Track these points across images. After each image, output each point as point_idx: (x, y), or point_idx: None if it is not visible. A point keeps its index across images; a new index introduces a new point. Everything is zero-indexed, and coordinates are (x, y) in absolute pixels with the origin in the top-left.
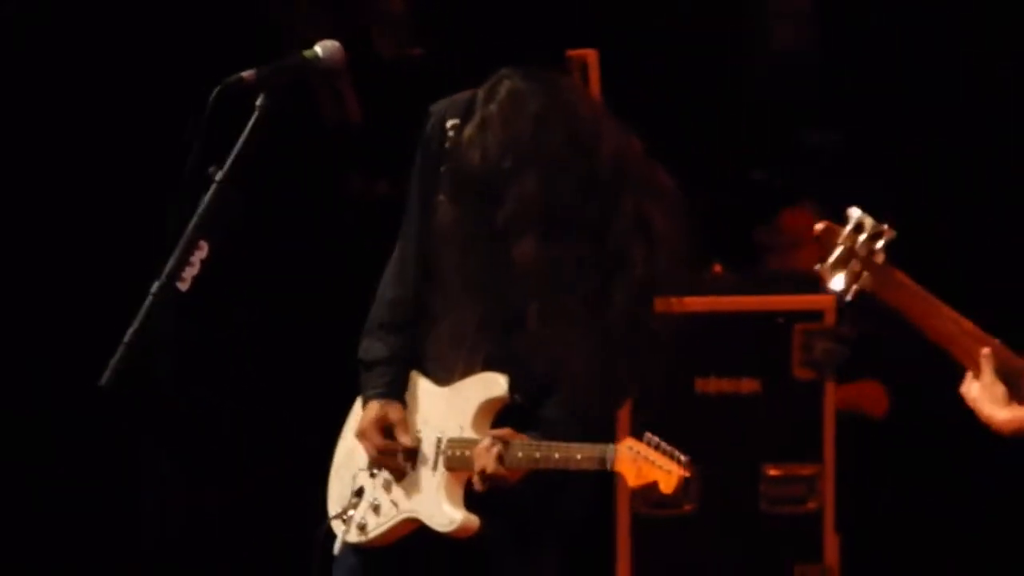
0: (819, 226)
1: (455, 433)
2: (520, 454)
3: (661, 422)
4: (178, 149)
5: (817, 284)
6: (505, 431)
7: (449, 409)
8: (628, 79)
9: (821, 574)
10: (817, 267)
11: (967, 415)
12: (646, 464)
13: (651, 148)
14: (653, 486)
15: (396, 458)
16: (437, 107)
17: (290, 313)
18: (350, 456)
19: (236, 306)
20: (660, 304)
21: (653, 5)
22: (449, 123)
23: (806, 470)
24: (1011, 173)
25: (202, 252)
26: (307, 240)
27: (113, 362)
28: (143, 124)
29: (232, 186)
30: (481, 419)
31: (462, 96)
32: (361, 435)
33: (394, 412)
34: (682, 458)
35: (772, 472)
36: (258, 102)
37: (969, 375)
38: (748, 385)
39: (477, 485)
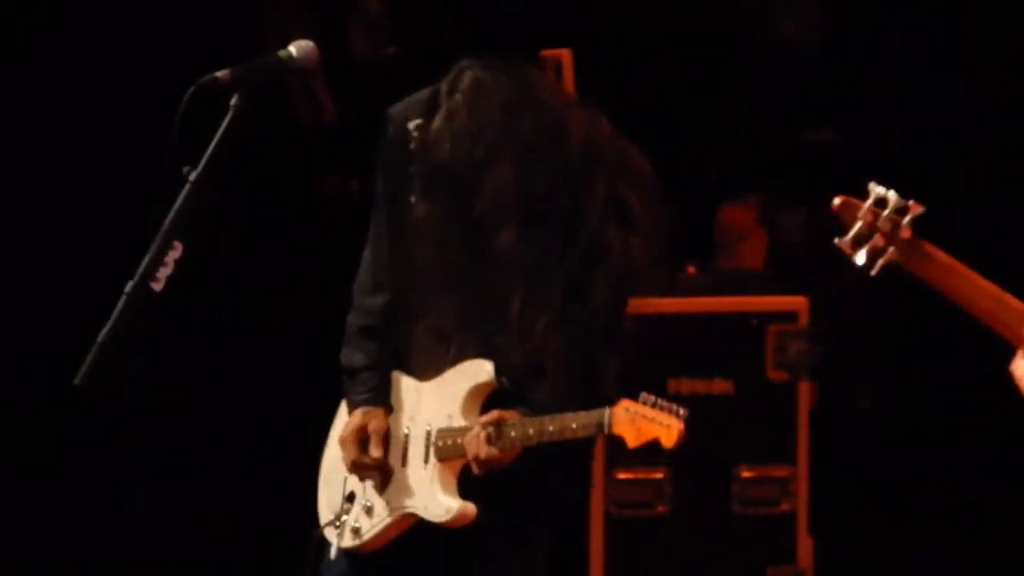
0: (837, 201)
1: (444, 423)
2: (513, 433)
3: None
4: (153, 149)
5: (792, 284)
6: (494, 414)
7: (436, 401)
8: (625, 75)
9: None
10: (836, 241)
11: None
12: (644, 422)
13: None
14: (655, 443)
15: (370, 470)
16: (395, 109)
17: (265, 312)
18: (338, 461)
19: (210, 305)
20: (636, 304)
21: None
22: (411, 124)
23: (780, 472)
24: (1011, 173)
25: (176, 252)
26: (282, 239)
27: (87, 362)
28: (118, 124)
29: (207, 186)
30: (470, 406)
31: (420, 95)
32: (341, 443)
33: (375, 421)
34: (680, 411)
35: (745, 474)
36: (232, 102)
37: (1019, 352)
38: (721, 386)
39: (475, 470)
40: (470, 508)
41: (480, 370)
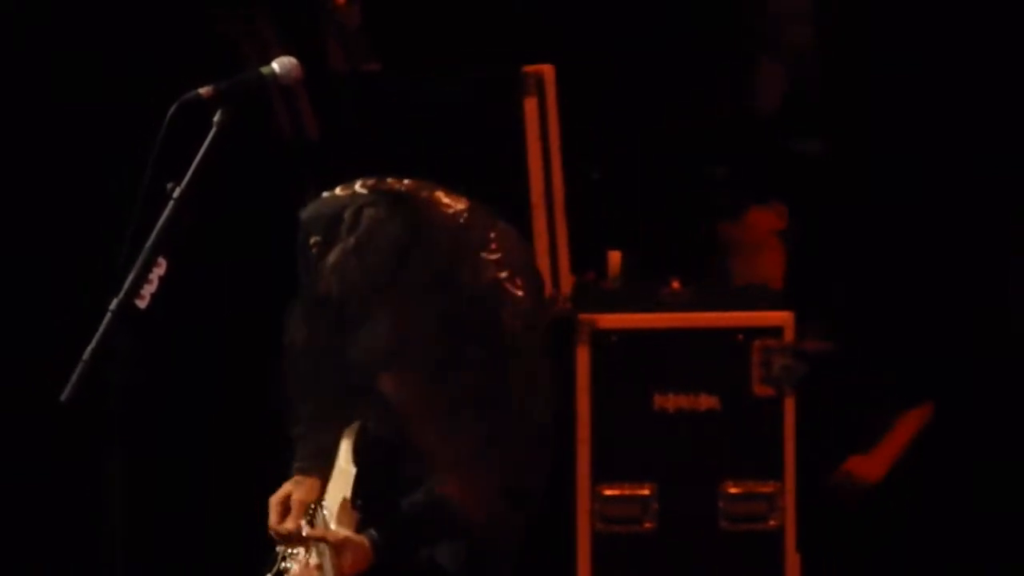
0: None
1: (333, 508)
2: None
3: (620, 439)
4: (136, 165)
5: (775, 299)
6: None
7: (340, 481)
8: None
9: None
10: None
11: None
12: None
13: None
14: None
15: (283, 539)
16: (305, 216)
17: (248, 329)
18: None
19: (192, 322)
20: (618, 320)
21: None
22: (312, 240)
23: (766, 487)
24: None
25: (160, 269)
26: (265, 255)
27: (73, 379)
28: (100, 140)
29: (190, 202)
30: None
31: (329, 205)
32: (269, 506)
33: (299, 491)
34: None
35: (732, 489)
36: (215, 118)
37: None
38: (707, 402)
39: None
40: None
41: (347, 478)
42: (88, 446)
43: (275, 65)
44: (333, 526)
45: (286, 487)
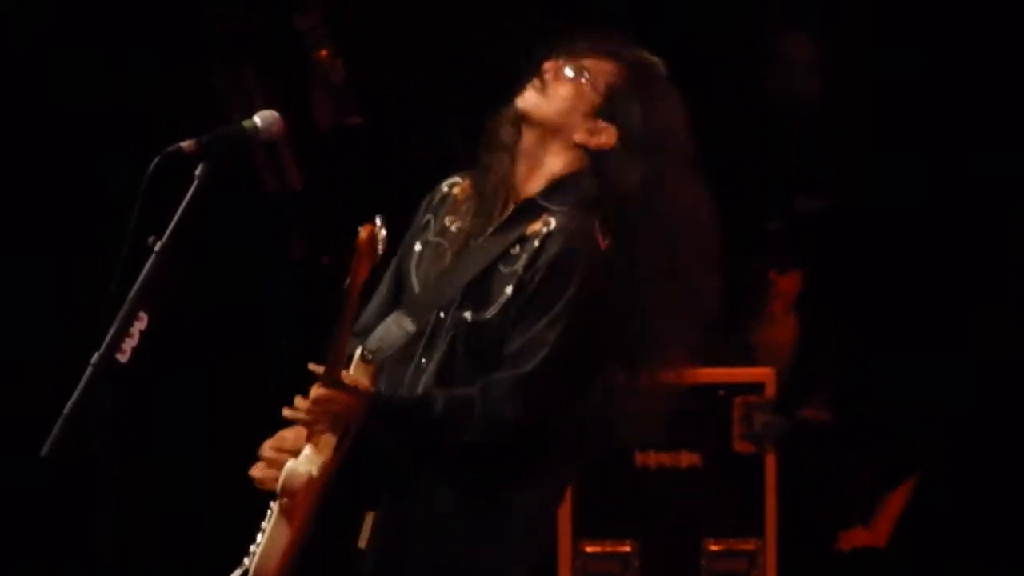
0: None
1: None
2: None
3: (602, 495)
4: (119, 218)
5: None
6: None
7: None
8: None
9: None
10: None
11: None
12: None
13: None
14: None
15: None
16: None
17: (232, 382)
18: None
19: (176, 375)
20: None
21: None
22: (449, 184)
23: (747, 544)
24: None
25: (142, 323)
26: (248, 307)
27: (53, 433)
28: (85, 193)
29: (172, 256)
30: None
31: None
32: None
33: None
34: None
35: (713, 547)
36: (198, 172)
37: None
38: (688, 459)
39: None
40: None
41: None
42: (73, 495)
43: (257, 119)
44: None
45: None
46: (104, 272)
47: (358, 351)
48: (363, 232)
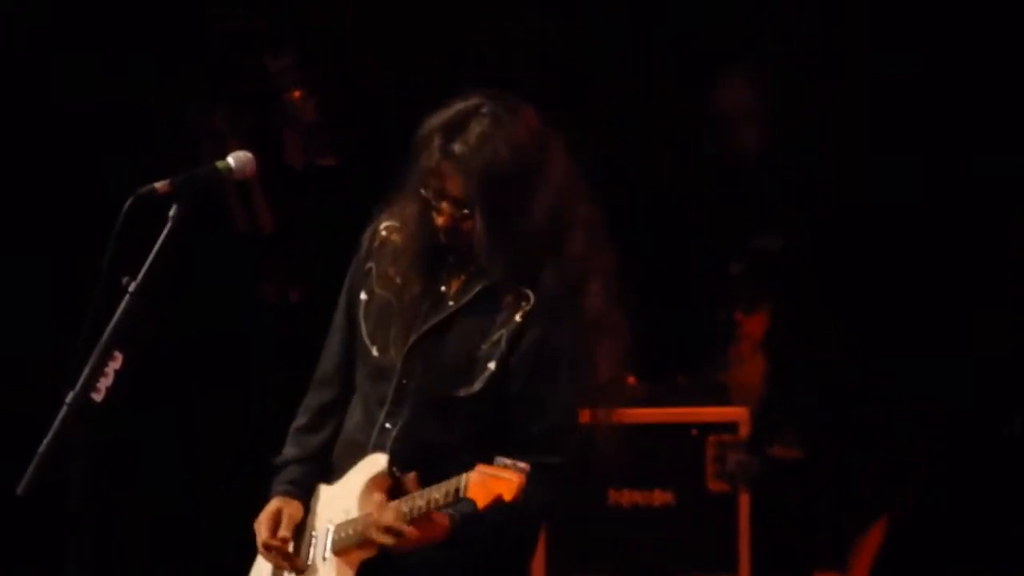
0: None
1: (341, 518)
2: (393, 514)
3: (575, 534)
4: (93, 259)
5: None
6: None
7: (336, 499)
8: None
9: None
10: None
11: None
12: (492, 480)
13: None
14: (499, 499)
15: (279, 554)
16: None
17: (203, 421)
18: (259, 572)
19: (149, 413)
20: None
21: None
22: (383, 226)
23: None
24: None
25: (116, 363)
26: (221, 347)
27: (29, 472)
28: (58, 232)
29: (145, 296)
30: (366, 499)
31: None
32: (256, 526)
33: (288, 508)
34: (520, 465)
35: None
36: (171, 212)
37: None
38: (661, 497)
39: (379, 538)
40: None
41: (375, 464)
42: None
43: (230, 159)
44: (356, 514)
45: (272, 505)
46: (78, 310)
47: (382, 460)
48: None
